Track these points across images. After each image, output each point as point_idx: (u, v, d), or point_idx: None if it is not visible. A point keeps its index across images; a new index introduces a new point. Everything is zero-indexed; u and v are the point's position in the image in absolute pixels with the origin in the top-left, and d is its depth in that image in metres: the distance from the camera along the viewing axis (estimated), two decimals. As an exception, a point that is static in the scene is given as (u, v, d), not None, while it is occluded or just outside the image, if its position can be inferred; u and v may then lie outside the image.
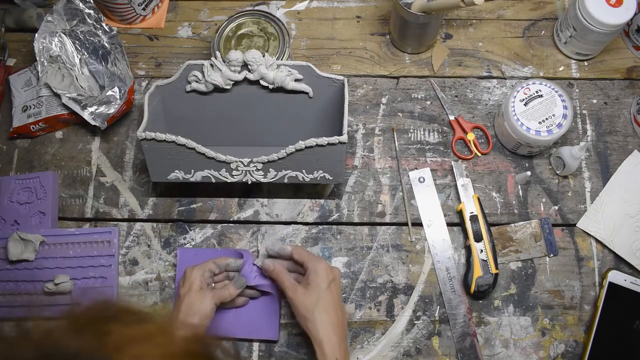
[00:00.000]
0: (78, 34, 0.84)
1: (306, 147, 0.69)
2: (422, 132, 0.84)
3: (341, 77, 0.73)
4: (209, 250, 0.78)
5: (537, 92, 0.77)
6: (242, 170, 0.72)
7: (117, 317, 0.39)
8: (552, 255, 0.77)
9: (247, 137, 0.82)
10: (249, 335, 0.74)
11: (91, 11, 0.83)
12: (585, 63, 0.87)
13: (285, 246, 0.70)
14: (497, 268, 0.75)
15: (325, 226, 0.80)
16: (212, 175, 0.73)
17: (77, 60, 0.85)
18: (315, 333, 0.63)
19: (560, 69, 0.87)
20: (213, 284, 0.72)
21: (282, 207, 0.81)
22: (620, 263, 0.77)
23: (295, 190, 0.81)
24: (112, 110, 0.81)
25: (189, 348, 0.40)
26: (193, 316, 0.66)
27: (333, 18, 0.91)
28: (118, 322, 0.38)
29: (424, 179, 0.81)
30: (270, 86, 0.75)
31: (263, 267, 0.70)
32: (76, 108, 0.80)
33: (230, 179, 0.73)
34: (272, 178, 0.73)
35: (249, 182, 0.73)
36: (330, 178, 0.73)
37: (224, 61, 0.74)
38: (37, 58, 0.82)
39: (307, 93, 0.76)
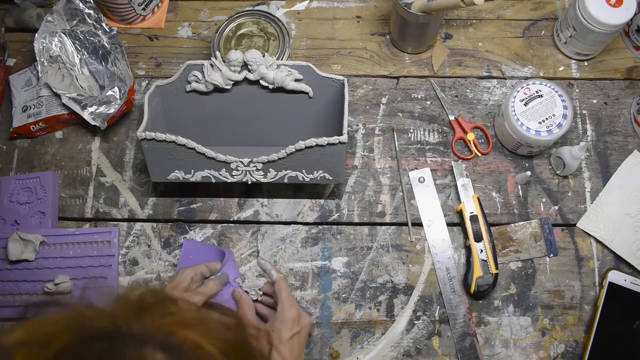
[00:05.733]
0: (78, 34, 0.84)
1: (306, 147, 0.69)
2: (422, 132, 0.84)
3: (341, 77, 0.73)
4: (213, 247, 0.78)
5: (537, 92, 0.77)
6: (242, 170, 0.72)
7: (176, 303, 0.40)
8: (552, 255, 0.77)
9: (247, 137, 0.82)
10: None
11: (91, 11, 0.83)
12: (585, 63, 0.87)
13: (274, 272, 0.69)
14: (497, 268, 0.75)
15: (325, 226, 0.80)
16: (212, 175, 0.73)
17: (77, 60, 0.85)
18: None
19: (560, 69, 0.87)
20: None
21: (282, 207, 0.81)
22: (620, 263, 0.77)
23: (295, 190, 0.81)
24: (112, 110, 0.81)
25: (239, 335, 0.42)
26: None
27: (333, 18, 0.91)
28: (178, 306, 0.40)
29: (424, 179, 0.81)
30: (270, 86, 0.75)
31: (232, 293, 0.69)
32: (76, 108, 0.80)
33: (230, 179, 0.73)
34: (272, 178, 0.73)
35: (249, 182, 0.73)
36: (330, 178, 0.73)
37: (224, 61, 0.74)
38: (37, 58, 0.82)
39: (307, 93, 0.76)
